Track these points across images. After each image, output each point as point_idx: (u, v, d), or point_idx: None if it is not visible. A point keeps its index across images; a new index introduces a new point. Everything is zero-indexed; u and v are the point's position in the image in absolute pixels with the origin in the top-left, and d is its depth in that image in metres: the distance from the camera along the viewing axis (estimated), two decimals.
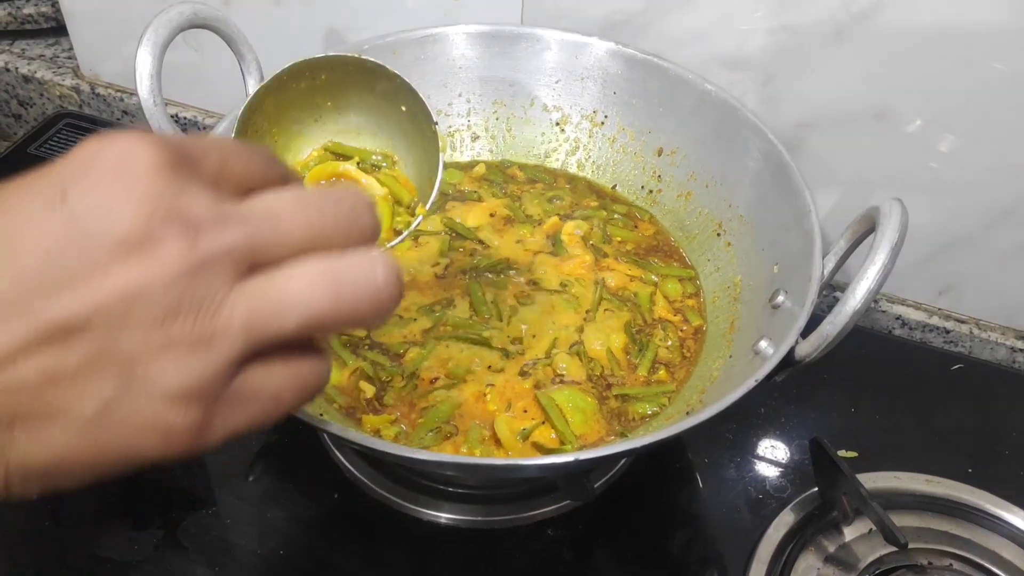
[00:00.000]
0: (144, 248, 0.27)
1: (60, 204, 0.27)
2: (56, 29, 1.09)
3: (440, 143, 0.57)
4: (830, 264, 0.62)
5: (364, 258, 0.31)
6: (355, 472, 0.68)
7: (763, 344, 0.60)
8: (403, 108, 0.59)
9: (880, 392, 0.79)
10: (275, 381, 0.31)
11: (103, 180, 0.27)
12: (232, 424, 0.31)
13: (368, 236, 0.32)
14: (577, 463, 0.50)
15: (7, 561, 0.65)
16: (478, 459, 0.57)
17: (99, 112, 1.06)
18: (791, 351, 0.56)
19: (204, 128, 1.03)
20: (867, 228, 0.59)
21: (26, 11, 1.08)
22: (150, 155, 0.28)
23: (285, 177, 0.35)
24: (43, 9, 1.08)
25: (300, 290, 0.30)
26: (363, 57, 0.56)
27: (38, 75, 1.06)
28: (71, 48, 1.05)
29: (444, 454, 0.56)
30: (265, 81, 0.56)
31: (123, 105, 1.04)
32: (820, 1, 0.72)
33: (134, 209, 0.27)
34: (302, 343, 0.32)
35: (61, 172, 0.28)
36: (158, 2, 0.96)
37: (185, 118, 1.03)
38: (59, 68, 1.07)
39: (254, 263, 0.29)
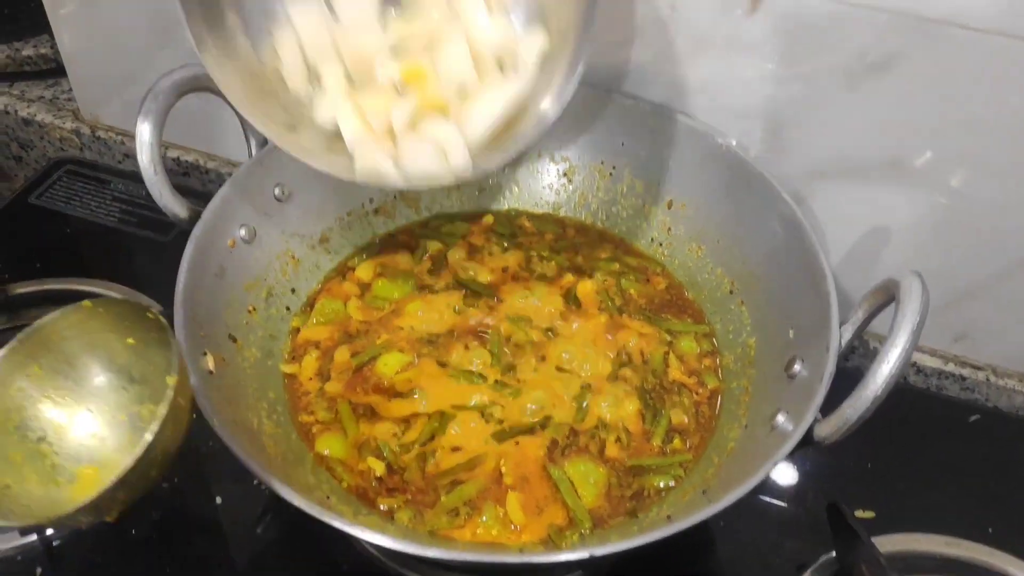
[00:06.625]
0: None
1: None
2: (55, 70, 1.08)
3: None
4: (847, 333, 0.60)
5: None
6: (364, 543, 0.67)
7: (781, 419, 0.59)
8: None
9: (897, 445, 0.78)
10: None
11: None
12: None
13: None
14: (592, 560, 0.49)
15: None
16: (490, 556, 0.56)
17: (100, 156, 1.05)
18: (810, 430, 0.55)
19: (206, 171, 1.01)
20: (885, 299, 0.57)
21: (25, 53, 1.07)
22: None
23: None
24: (42, 51, 1.07)
25: None
26: None
27: (38, 118, 1.05)
28: (71, 89, 1.04)
29: (455, 551, 0.54)
30: None
31: (124, 148, 1.03)
32: (833, 51, 0.70)
33: None
34: None
35: None
36: (158, 47, 0.96)
37: (187, 161, 1.01)
38: (59, 111, 1.06)
39: None
